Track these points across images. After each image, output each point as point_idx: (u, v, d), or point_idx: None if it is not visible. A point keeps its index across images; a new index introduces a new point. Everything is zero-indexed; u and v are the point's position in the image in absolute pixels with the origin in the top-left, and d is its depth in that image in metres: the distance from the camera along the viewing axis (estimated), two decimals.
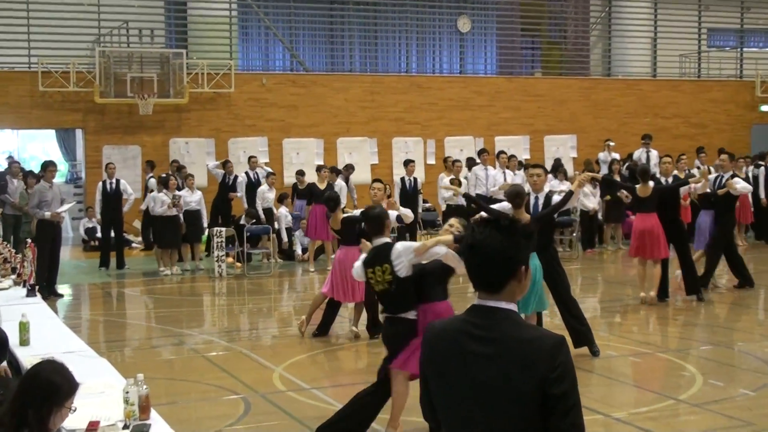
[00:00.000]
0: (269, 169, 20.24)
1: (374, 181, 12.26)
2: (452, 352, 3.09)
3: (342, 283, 11.34)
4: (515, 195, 9.78)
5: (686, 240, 13.90)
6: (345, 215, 11.89)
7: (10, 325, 6.52)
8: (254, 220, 18.39)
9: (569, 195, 10.14)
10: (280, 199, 19.75)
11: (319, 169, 19.38)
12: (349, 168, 20.98)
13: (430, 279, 7.31)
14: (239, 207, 19.63)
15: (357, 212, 11.87)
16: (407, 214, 11.53)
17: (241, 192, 19.52)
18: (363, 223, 8.18)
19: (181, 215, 17.78)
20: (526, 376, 2.95)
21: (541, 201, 10.29)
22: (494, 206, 10.57)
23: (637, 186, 13.37)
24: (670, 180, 13.92)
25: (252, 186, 19.59)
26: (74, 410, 4.39)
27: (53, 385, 4.24)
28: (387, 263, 7.21)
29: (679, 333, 12.17)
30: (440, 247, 7.13)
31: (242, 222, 18.50)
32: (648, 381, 9.81)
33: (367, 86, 24.84)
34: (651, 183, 13.41)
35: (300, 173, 20.24)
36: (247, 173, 19.95)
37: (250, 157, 20.62)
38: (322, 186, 18.52)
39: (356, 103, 24.61)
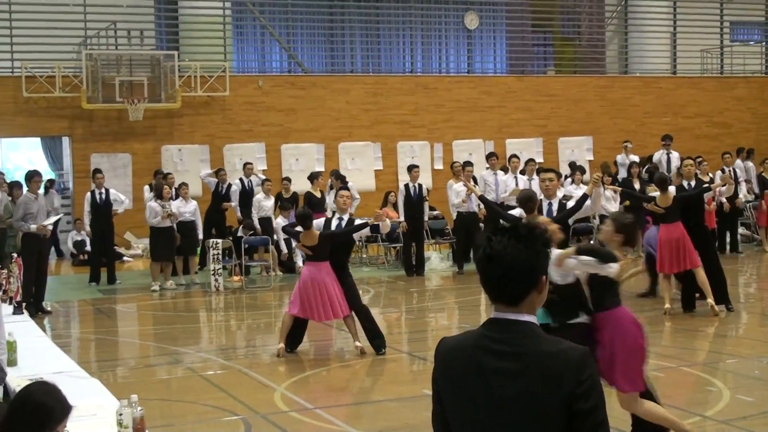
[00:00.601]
0: (262, 176, 20.21)
1: (341, 188, 12.42)
2: (469, 369, 3.08)
3: (316, 302, 11.26)
4: (527, 199, 9.78)
5: (712, 246, 13.85)
6: (323, 232, 11.50)
7: None
8: (251, 232, 18.41)
9: (584, 198, 10.15)
10: (283, 208, 19.65)
11: (312, 177, 19.39)
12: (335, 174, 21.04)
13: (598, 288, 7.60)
14: (233, 217, 19.64)
15: (360, 220, 11.91)
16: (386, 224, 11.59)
17: (235, 201, 19.51)
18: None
19: (174, 226, 17.75)
20: (550, 391, 2.94)
21: (554, 207, 10.28)
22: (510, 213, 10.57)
23: (657, 196, 13.31)
24: (692, 183, 13.86)
25: (246, 194, 19.58)
26: None
27: (45, 408, 4.23)
28: None
29: (705, 345, 12.14)
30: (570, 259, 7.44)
31: (239, 234, 18.52)
32: (672, 396, 9.77)
33: (370, 87, 24.87)
34: (672, 190, 13.38)
35: (287, 179, 20.28)
36: (241, 180, 19.92)
37: (245, 164, 20.60)
38: (317, 194, 18.55)
39: (358, 105, 24.63)
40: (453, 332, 3.45)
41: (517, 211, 10.14)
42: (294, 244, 11.81)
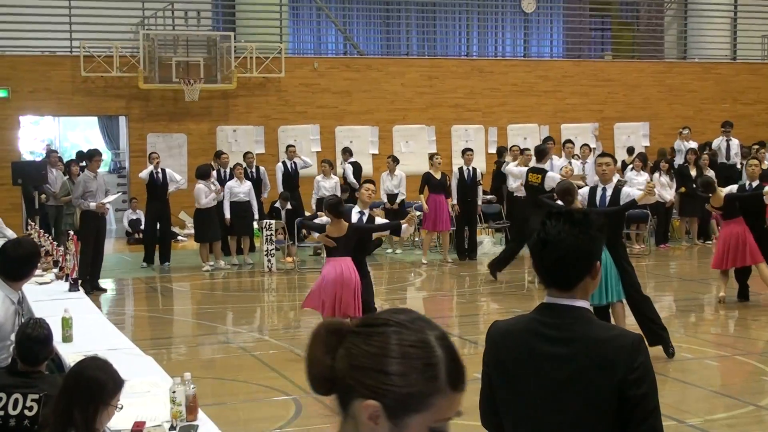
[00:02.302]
0: (308, 160, 20.14)
1: (366, 181, 11.95)
2: (521, 353, 3.08)
3: (335, 300, 10.42)
4: (565, 192, 9.74)
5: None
6: (352, 223, 10.73)
7: (53, 320, 6.59)
8: (288, 204, 18.35)
9: (632, 204, 10.08)
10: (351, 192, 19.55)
11: (431, 156, 19.42)
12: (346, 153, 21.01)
13: None
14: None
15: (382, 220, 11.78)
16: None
17: (278, 183, 19.56)
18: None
19: (226, 209, 17.80)
20: (603, 377, 2.93)
21: (608, 193, 10.20)
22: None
23: (710, 196, 13.13)
24: (754, 183, 13.36)
25: (290, 177, 19.56)
26: (121, 408, 4.45)
27: (98, 383, 4.30)
28: None
29: (761, 335, 12.00)
30: None
31: (277, 205, 18.47)
32: (726, 386, 9.69)
33: (425, 70, 24.79)
34: (726, 190, 13.18)
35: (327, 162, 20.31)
36: (284, 163, 19.94)
37: (288, 146, 20.69)
38: (437, 174, 18.52)
39: (413, 88, 24.57)
40: (504, 317, 3.45)
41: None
42: (316, 236, 11.25)
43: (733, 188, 13.37)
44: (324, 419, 8.16)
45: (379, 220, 11.57)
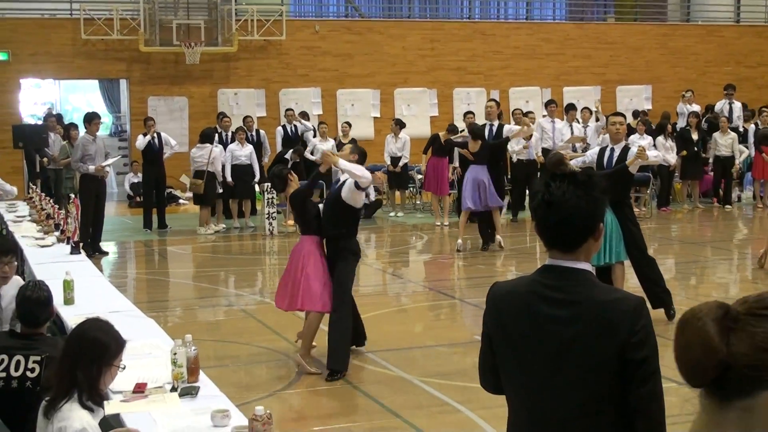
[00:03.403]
0: (308, 123, 20.10)
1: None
2: (522, 315, 3.07)
3: (285, 286, 8.79)
4: (556, 164, 9.72)
5: None
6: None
7: (54, 283, 6.59)
8: (298, 159, 18.30)
9: (623, 170, 10.01)
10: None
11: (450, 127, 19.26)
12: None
13: None
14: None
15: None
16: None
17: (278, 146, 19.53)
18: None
19: (228, 171, 17.77)
20: (604, 340, 2.92)
21: (617, 153, 10.16)
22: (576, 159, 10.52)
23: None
24: None
25: (290, 140, 19.52)
26: (123, 368, 4.46)
27: (100, 343, 4.30)
28: None
29: None
30: None
31: (287, 157, 18.39)
32: None
33: (427, 33, 24.67)
34: None
35: (347, 124, 20.20)
36: (284, 126, 19.91)
37: (286, 110, 20.68)
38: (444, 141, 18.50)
39: (415, 51, 24.46)
40: (506, 278, 3.45)
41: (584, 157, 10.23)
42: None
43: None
44: (325, 380, 8.16)
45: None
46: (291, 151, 18.49)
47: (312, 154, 19.06)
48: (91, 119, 15.29)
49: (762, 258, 12.92)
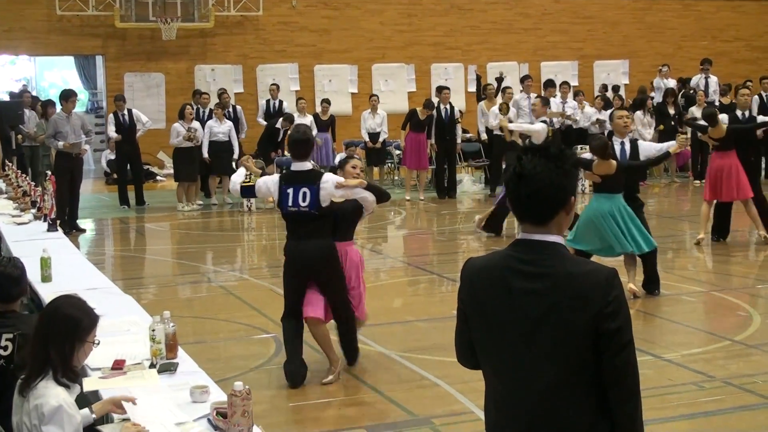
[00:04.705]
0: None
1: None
2: (497, 289, 3.10)
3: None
4: (604, 148, 9.73)
5: (758, 179, 13.61)
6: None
7: (31, 260, 6.58)
8: (288, 126, 18.26)
9: (666, 155, 10.27)
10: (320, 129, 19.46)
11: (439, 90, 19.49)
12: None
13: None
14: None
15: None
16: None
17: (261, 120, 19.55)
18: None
19: (205, 148, 17.74)
20: (578, 311, 2.95)
21: (627, 147, 10.18)
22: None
23: (709, 128, 12.93)
24: (747, 113, 13.58)
25: (270, 116, 19.46)
26: (98, 344, 4.45)
27: (73, 320, 4.30)
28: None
29: (738, 271, 12.11)
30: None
31: (278, 126, 18.32)
32: (702, 321, 9.79)
33: (404, 8, 24.60)
34: (724, 119, 13.16)
35: (326, 102, 20.15)
36: (267, 102, 19.88)
37: (271, 85, 20.66)
38: (422, 116, 18.51)
39: (392, 26, 24.40)
40: (483, 254, 3.49)
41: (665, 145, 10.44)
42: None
43: (724, 118, 13.38)
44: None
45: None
46: (281, 119, 18.38)
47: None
48: (68, 97, 15.22)
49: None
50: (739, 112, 13.61)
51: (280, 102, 19.91)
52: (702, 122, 13.64)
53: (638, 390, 3.03)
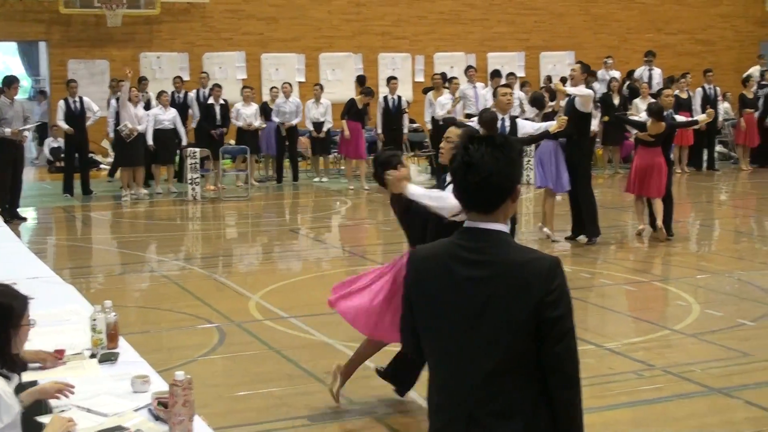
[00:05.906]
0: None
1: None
2: (441, 277, 3.11)
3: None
4: (493, 123, 9.86)
5: (671, 177, 13.78)
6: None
7: None
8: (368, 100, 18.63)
9: (546, 134, 10.46)
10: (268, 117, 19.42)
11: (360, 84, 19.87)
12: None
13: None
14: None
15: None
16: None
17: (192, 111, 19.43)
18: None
19: (149, 135, 17.54)
20: (520, 299, 2.98)
21: (507, 123, 10.38)
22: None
23: (649, 123, 12.90)
24: (671, 112, 13.69)
25: (204, 107, 19.24)
26: (34, 324, 4.37)
27: (2, 307, 4.23)
28: None
29: (677, 261, 12.26)
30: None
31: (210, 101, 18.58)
32: (642, 310, 9.90)
33: None
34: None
35: (276, 88, 20.06)
36: (198, 91, 19.64)
37: (201, 73, 20.57)
38: (360, 105, 18.61)
39: (340, 15, 24.36)
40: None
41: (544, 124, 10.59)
42: None
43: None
44: (247, 346, 8.18)
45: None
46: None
47: (236, 119, 18.96)
48: (10, 83, 15.06)
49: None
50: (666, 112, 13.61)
51: (211, 89, 19.45)
52: (637, 118, 13.71)
53: (578, 377, 3.06)
